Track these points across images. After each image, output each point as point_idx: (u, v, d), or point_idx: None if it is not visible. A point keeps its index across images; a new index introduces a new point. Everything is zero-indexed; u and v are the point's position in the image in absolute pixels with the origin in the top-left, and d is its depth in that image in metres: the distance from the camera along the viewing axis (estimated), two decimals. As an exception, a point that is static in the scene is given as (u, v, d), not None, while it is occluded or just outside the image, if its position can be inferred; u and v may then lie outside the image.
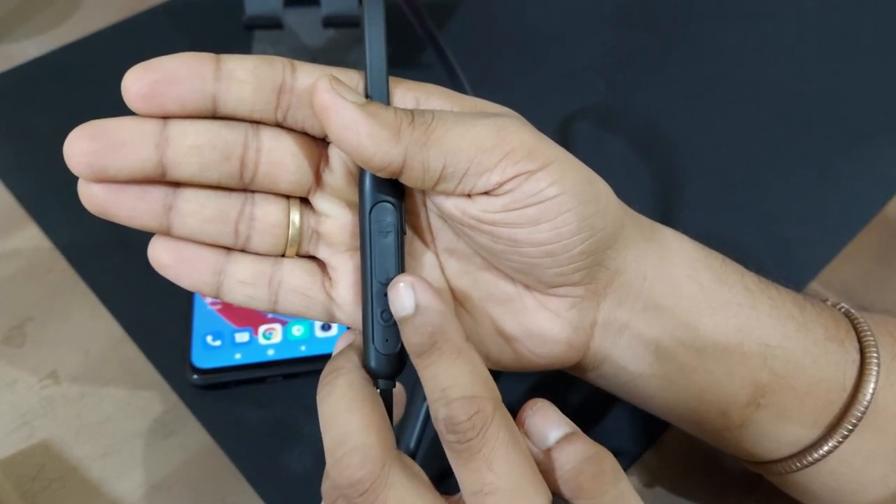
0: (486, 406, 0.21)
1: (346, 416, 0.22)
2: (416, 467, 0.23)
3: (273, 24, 0.48)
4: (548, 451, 0.23)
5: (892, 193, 0.46)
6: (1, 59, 0.53)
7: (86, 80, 0.51)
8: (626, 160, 0.47)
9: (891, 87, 0.51)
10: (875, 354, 0.27)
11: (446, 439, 0.21)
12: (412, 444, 0.33)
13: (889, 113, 0.50)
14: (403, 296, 0.22)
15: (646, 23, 0.56)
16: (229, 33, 0.52)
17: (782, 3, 0.57)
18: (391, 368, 0.24)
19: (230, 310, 0.38)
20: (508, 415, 0.22)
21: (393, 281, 0.22)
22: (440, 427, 0.21)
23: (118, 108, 0.23)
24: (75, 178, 0.46)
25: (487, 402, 0.21)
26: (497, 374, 0.22)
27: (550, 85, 0.52)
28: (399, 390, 0.25)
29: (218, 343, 0.37)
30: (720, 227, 0.43)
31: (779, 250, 0.42)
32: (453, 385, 0.21)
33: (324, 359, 0.36)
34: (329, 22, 0.48)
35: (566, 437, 0.23)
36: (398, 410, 0.25)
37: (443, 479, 0.33)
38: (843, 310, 0.29)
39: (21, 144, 0.47)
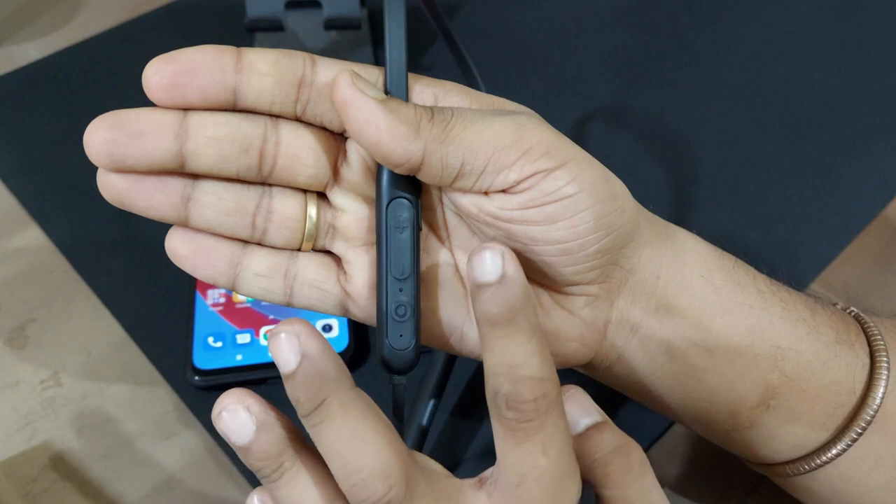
0: (552, 390, 0.21)
1: (352, 442, 0.21)
2: (432, 463, 0.23)
3: (274, 26, 0.48)
4: (578, 436, 0.23)
5: (891, 195, 0.46)
6: (2, 61, 0.53)
7: (88, 83, 0.51)
8: (627, 162, 0.47)
9: (891, 90, 0.52)
10: (885, 358, 0.27)
11: (504, 415, 0.21)
12: (417, 440, 0.33)
13: (889, 116, 0.50)
14: (489, 262, 0.21)
15: (649, 26, 0.57)
16: (231, 35, 0.53)
17: (783, 8, 0.58)
18: (405, 364, 0.24)
19: (231, 311, 0.38)
20: (563, 403, 0.22)
21: (479, 246, 0.21)
22: (499, 402, 0.21)
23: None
24: (77, 180, 0.46)
25: (554, 386, 0.21)
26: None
27: (554, 87, 0.52)
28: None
29: (219, 344, 0.37)
30: (721, 228, 0.44)
31: (779, 252, 0.42)
32: (524, 363, 0.21)
33: (325, 360, 0.36)
34: (330, 24, 0.49)
35: (596, 426, 0.24)
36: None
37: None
38: (852, 313, 0.29)
39: (23, 146, 0.47)
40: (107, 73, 0.52)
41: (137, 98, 0.22)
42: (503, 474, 0.22)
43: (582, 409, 0.24)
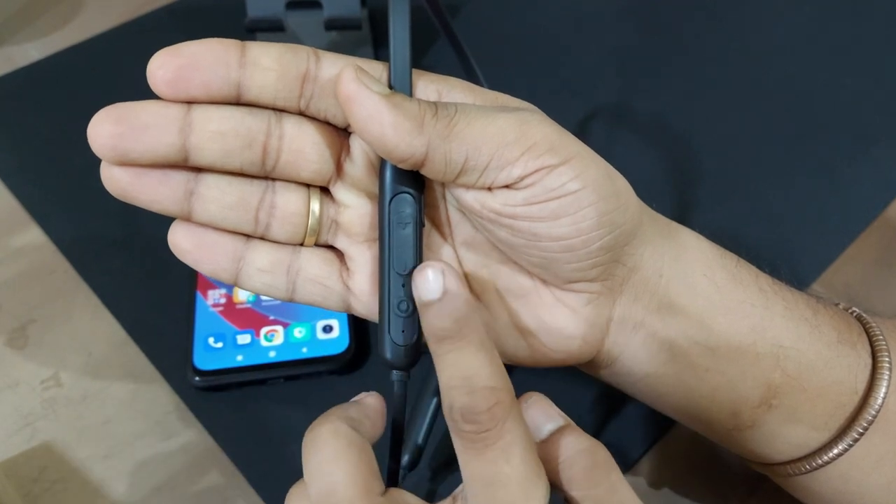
0: (506, 398, 0.21)
1: (331, 466, 0.21)
2: (408, 497, 0.23)
3: (275, 26, 0.48)
4: (542, 442, 0.23)
5: (892, 196, 0.46)
6: (3, 62, 0.53)
7: (88, 83, 0.51)
8: (628, 161, 0.47)
9: (891, 90, 0.52)
10: (887, 359, 0.27)
11: (461, 428, 0.21)
12: (420, 440, 0.33)
13: (889, 116, 0.50)
14: (431, 280, 0.21)
15: (651, 26, 0.57)
16: (231, 36, 0.52)
17: (784, 8, 0.58)
18: (406, 359, 0.24)
19: (232, 312, 0.38)
20: (520, 408, 0.22)
21: (421, 265, 0.22)
22: (455, 415, 0.21)
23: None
24: (77, 180, 0.46)
25: (507, 394, 0.21)
26: (509, 370, 0.22)
27: (555, 86, 0.52)
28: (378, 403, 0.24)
29: (219, 345, 0.36)
30: (722, 228, 0.43)
31: (780, 252, 0.42)
32: (475, 374, 0.21)
33: (325, 361, 0.36)
34: (331, 25, 0.49)
35: (559, 430, 0.23)
36: (379, 423, 0.24)
37: (451, 469, 0.33)
38: (854, 314, 0.29)
39: (23, 146, 0.47)
40: (107, 74, 0.52)
41: (138, 98, 0.22)
42: (469, 487, 0.22)
43: (545, 415, 0.24)
